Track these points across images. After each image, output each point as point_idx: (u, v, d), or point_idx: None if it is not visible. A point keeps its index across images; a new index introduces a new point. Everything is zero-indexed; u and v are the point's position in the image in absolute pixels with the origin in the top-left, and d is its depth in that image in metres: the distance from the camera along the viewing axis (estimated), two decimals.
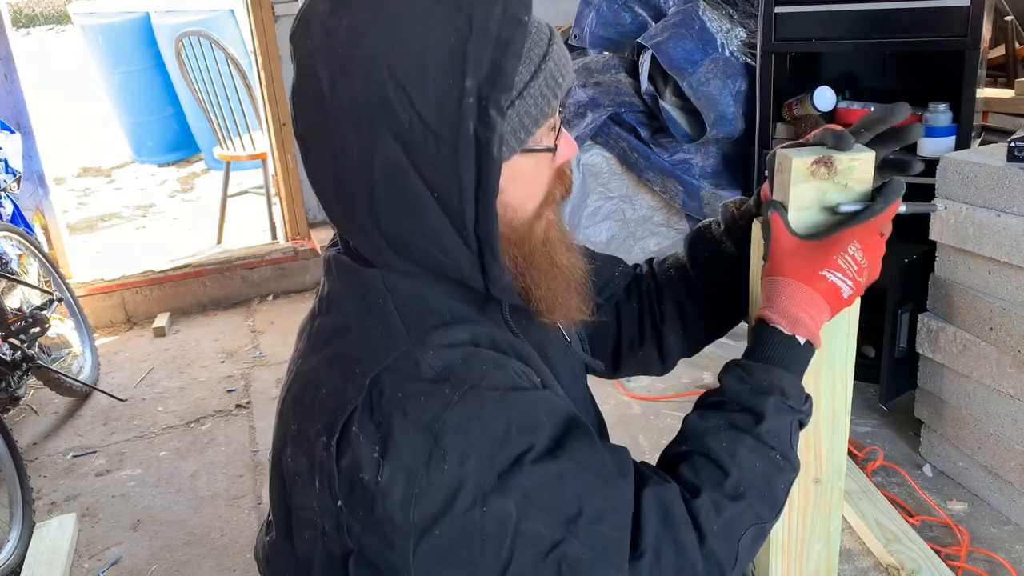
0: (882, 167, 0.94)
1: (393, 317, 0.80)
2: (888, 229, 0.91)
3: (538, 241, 0.86)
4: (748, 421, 0.84)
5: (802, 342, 0.86)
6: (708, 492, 0.81)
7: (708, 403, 0.88)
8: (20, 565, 2.15)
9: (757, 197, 1.05)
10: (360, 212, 0.79)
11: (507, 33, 0.75)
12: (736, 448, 0.82)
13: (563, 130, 0.86)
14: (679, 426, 0.88)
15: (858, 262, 0.87)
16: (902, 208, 0.90)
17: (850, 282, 0.87)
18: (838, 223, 0.89)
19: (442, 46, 0.74)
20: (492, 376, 0.76)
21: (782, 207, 0.90)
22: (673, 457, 0.86)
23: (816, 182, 0.89)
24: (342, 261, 0.86)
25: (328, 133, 0.77)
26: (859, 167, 0.89)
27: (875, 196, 0.89)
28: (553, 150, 0.85)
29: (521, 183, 0.82)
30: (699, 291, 1.10)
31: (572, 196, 2.68)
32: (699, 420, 0.86)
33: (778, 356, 0.86)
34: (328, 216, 0.85)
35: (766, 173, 0.98)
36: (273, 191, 4.07)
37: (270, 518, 0.93)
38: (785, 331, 0.86)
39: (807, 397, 0.88)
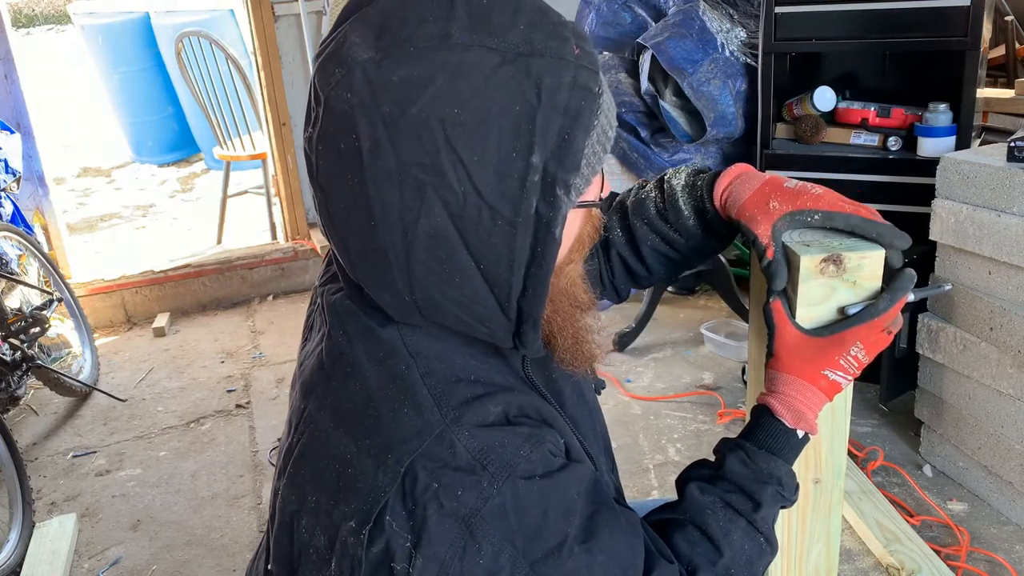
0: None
1: (420, 390, 0.75)
2: (896, 325, 0.89)
3: (565, 286, 0.82)
4: (746, 505, 0.87)
5: (800, 435, 0.90)
6: (704, 572, 0.85)
7: (706, 476, 0.91)
8: (20, 565, 2.15)
9: (711, 184, 0.98)
10: (392, 273, 0.73)
11: (576, 105, 0.70)
12: (730, 529, 0.86)
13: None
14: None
15: (860, 361, 0.89)
16: (910, 296, 0.89)
17: (850, 377, 0.90)
18: (844, 318, 0.90)
19: (507, 115, 0.68)
20: (529, 460, 0.74)
21: (785, 296, 0.90)
22: (669, 522, 0.88)
23: (825, 279, 0.89)
24: (352, 313, 0.80)
25: (362, 190, 0.70)
26: (868, 265, 0.89)
27: (884, 286, 0.89)
28: (599, 204, 0.81)
29: (564, 238, 0.77)
30: (639, 253, 1.07)
31: None
32: (699, 493, 0.89)
33: (779, 446, 0.90)
34: (346, 267, 0.78)
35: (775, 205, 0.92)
36: (273, 191, 4.07)
37: (269, 563, 0.88)
38: (788, 424, 0.89)
39: (797, 487, 0.92)
